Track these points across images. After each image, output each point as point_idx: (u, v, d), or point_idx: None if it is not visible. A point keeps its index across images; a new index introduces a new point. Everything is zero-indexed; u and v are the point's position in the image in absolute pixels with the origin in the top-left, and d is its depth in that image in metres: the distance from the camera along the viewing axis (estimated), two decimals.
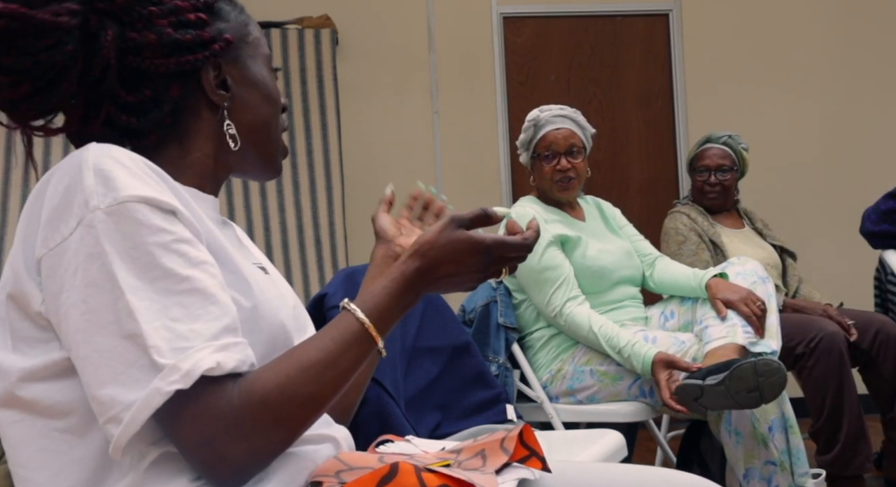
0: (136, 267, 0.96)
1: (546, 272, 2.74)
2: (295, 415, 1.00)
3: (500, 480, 1.03)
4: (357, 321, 1.06)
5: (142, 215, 0.98)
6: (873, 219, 3.39)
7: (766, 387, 2.34)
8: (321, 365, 1.02)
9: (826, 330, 2.93)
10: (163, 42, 1.11)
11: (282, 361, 1.02)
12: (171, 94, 1.13)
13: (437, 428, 2.18)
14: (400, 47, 4.76)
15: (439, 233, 1.15)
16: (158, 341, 0.94)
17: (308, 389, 1.00)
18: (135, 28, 1.10)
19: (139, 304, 0.95)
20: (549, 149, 2.87)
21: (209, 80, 1.16)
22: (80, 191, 0.98)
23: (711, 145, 3.48)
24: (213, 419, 0.95)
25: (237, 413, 0.96)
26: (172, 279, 0.97)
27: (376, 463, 1.06)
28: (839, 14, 4.93)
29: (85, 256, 0.96)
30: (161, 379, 0.93)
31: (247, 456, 0.97)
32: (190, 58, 1.13)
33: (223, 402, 0.96)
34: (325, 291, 2.28)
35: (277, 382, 0.99)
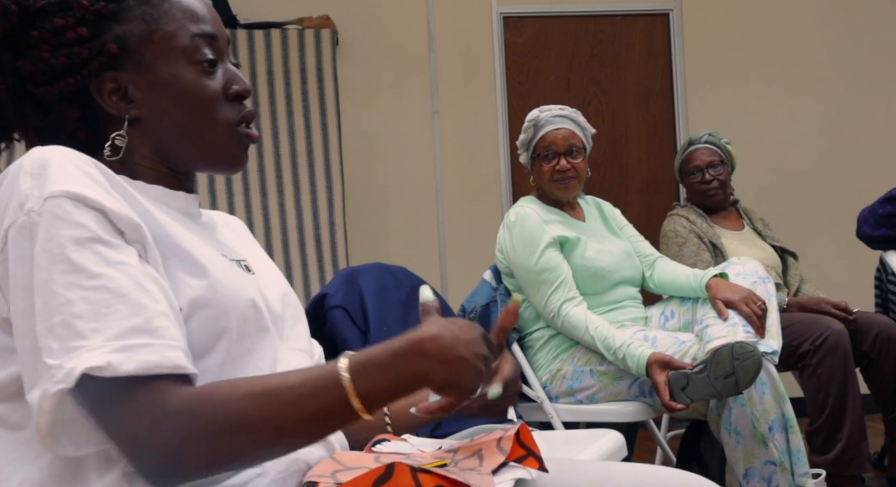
0: (47, 260, 0.93)
1: (544, 273, 2.74)
2: (223, 438, 0.93)
3: (497, 480, 1.03)
4: (336, 368, 0.97)
5: (61, 210, 0.95)
6: (871, 223, 3.39)
7: (741, 371, 2.38)
8: (277, 397, 0.95)
9: (831, 328, 2.92)
10: (42, 68, 1.08)
11: (243, 381, 0.98)
12: (71, 116, 1.11)
13: (436, 428, 2.18)
14: (400, 47, 4.76)
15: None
16: (50, 341, 0.91)
17: (249, 415, 0.94)
18: (25, 55, 1.09)
19: (41, 302, 0.93)
20: (549, 149, 2.87)
21: (103, 95, 1.11)
22: (17, 195, 0.96)
23: (696, 146, 3.48)
24: (137, 418, 0.91)
25: (166, 416, 0.91)
26: (82, 274, 0.93)
27: (372, 463, 1.06)
28: (839, 13, 4.93)
29: (19, 259, 0.95)
30: (47, 379, 0.91)
31: (165, 462, 0.92)
32: (70, 81, 1.09)
33: (152, 403, 0.92)
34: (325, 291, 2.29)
35: (221, 397, 0.94)
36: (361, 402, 0.97)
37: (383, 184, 4.67)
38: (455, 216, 4.73)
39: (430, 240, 4.72)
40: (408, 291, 2.39)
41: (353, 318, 2.25)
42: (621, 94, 4.88)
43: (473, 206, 4.73)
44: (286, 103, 4.32)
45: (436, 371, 0.99)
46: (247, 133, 1.18)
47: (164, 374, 0.93)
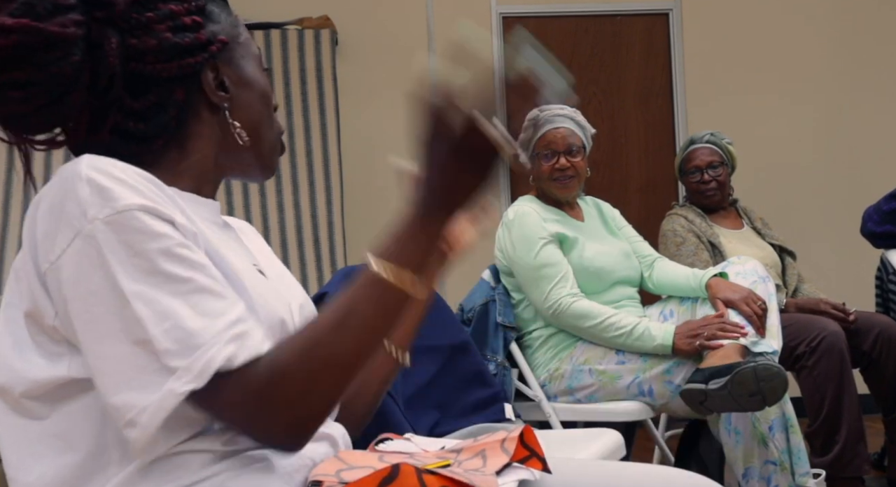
0: (139, 273, 0.97)
1: (544, 269, 2.74)
2: (322, 380, 0.99)
3: (501, 481, 1.03)
4: (367, 268, 1.04)
5: (140, 223, 0.98)
6: (875, 219, 3.39)
7: (768, 391, 2.35)
8: (336, 323, 1.01)
9: (828, 329, 2.92)
10: (163, 47, 1.11)
11: (301, 331, 1.02)
12: (176, 98, 1.14)
13: (436, 427, 2.18)
14: (399, 47, 4.75)
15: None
16: (168, 344, 0.95)
17: (328, 350, 1.00)
18: (134, 34, 1.11)
19: (145, 310, 0.96)
20: (548, 148, 2.87)
21: (209, 81, 1.16)
22: (76, 204, 0.98)
23: (696, 145, 3.48)
24: (246, 402, 0.97)
25: (265, 391, 0.97)
26: (176, 282, 0.98)
27: (376, 462, 1.06)
28: (838, 13, 4.94)
29: (87, 267, 0.97)
30: (175, 380, 0.94)
31: (290, 429, 0.99)
32: (190, 61, 1.13)
33: (251, 384, 0.97)
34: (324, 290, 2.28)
35: (295, 352, 0.99)
36: (409, 272, 1.04)
37: (382, 184, 4.66)
38: None
39: None
40: None
41: None
42: (621, 94, 4.89)
43: None
44: (285, 103, 4.32)
45: (443, 197, 1.08)
46: (282, 143, 1.28)
47: (262, 354, 0.99)
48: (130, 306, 0.96)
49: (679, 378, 2.58)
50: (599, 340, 2.70)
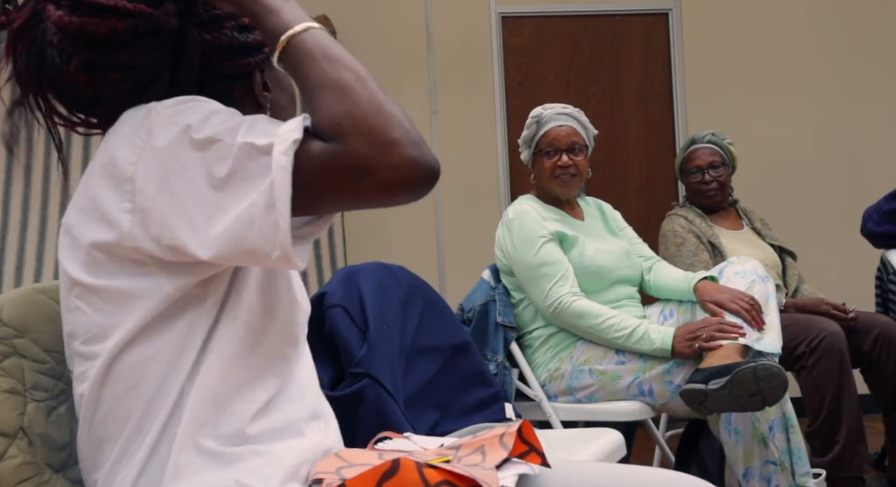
0: (215, 123, 1.01)
1: (544, 267, 2.74)
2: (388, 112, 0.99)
3: (500, 475, 1.03)
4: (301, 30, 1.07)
5: (203, 101, 1.04)
6: (875, 219, 3.39)
7: (768, 391, 2.35)
8: (336, 60, 1.04)
9: (828, 329, 2.92)
10: (232, 45, 1.16)
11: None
12: (235, 95, 1.18)
13: (436, 427, 2.18)
14: (398, 47, 4.76)
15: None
16: (257, 136, 0.98)
17: (349, 73, 1.03)
18: (207, 30, 1.15)
19: (224, 139, 1.00)
20: (551, 146, 2.87)
21: (258, 81, 1.20)
22: (144, 110, 1.05)
23: (697, 145, 3.48)
24: (339, 157, 0.97)
25: (345, 140, 0.97)
26: (245, 121, 1.02)
27: (376, 460, 1.06)
28: (838, 13, 4.94)
29: (174, 140, 1.00)
30: (278, 144, 0.96)
31: (402, 143, 0.97)
32: (250, 60, 1.18)
33: (323, 147, 0.98)
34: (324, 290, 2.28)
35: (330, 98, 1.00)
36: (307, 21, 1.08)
37: None
38: (454, 215, 4.73)
39: (428, 239, 4.72)
40: (406, 290, 2.38)
41: (352, 317, 2.24)
42: (620, 94, 4.88)
43: (472, 205, 4.73)
44: None
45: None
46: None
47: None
48: (216, 142, 0.99)
49: (679, 378, 2.57)
50: (599, 340, 2.69)
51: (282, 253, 0.96)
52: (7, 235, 4.02)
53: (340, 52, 1.04)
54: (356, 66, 1.03)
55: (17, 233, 4.01)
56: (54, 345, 1.23)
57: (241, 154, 0.97)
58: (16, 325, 1.22)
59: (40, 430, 1.18)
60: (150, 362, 1.06)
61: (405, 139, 0.96)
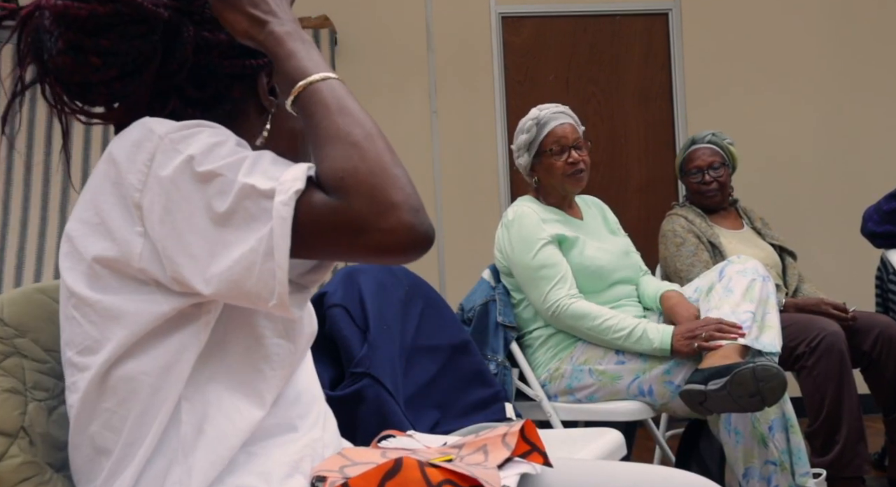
0: (219, 156, 1.01)
1: (542, 270, 2.74)
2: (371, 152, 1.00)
3: (503, 475, 1.03)
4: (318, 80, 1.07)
5: (209, 128, 1.04)
6: (875, 219, 3.39)
7: (767, 391, 2.35)
8: (342, 117, 1.04)
9: (827, 329, 2.92)
10: (232, 44, 1.15)
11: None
12: (233, 95, 1.18)
13: (436, 426, 2.18)
14: (399, 47, 4.76)
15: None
16: (260, 179, 0.99)
17: (357, 129, 1.02)
18: (206, 27, 1.15)
19: (226, 174, 1.00)
20: (559, 144, 2.87)
21: (263, 85, 1.19)
22: (149, 131, 1.04)
23: (698, 145, 3.48)
24: (336, 214, 0.97)
25: (344, 197, 0.97)
26: (252, 152, 1.02)
27: (379, 459, 1.06)
28: (838, 13, 4.94)
29: (176, 172, 1.00)
30: (279, 194, 0.97)
31: (399, 206, 0.97)
32: (253, 62, 1.17)
33: (324, 201, 0.98)
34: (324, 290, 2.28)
35: (335, 154, 1.00)
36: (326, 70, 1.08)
37: None
38: (454, 215, 4.73)
39: None
40: (407, 290, 2.39)
41: (352, 317, 2.25)
42: (620, 94, 4.88)
43: (472, 206, 4.73)
44: None
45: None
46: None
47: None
48: (217, 177, 0.99)
49: (679, 378, 2.57)
50: (598, 341, 2.70)
51: (279, 301, 0.97)
52: (7, 235, 4.02)
53: (355, 107, 1.05)
54: (368, 122, 1.03)
55: (17, 232, 4.00)
56: (55, 345, 1.23)
57: (241, 193, 0.98)
58: (16, 325, 1.22)
59: (41, 430, 1.18)
60: (144, 375, 1.06)
61: (405, 204, 0.97)
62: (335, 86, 1.05)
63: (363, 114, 1.04)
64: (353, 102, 1.05)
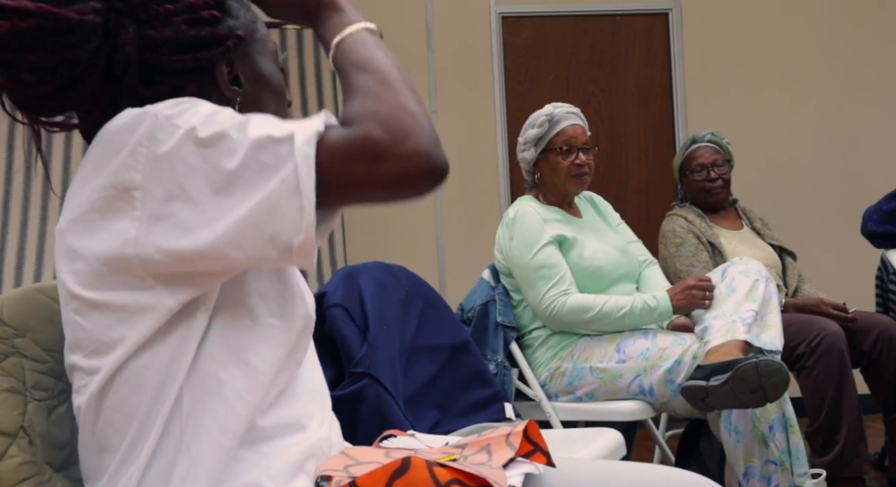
0: (220, 122, 1.01)
1: (541, 270, 2.74)
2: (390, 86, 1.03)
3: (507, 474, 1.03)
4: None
5: (203, 103, 1.04)
6: (875, 219, 3.39)
7: (770, 387, 2.35)
8: (367, 65, 1.08)
9: (828, 329, 2.92)
10: (180, 39, 1.13)
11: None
12: (189, 91, 1.15)
13: (436, 426, 2.18)
14: (398, 47, 4.75)
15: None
16: (270, 129, 1.00)
17: (376, 75, 1.06)
18: (152, 25, 1.13)
19: (232, 134, 1.01)
20: (568, 144, 2.87)
21: (223, 75, 1.18)
22: (141, 112, 1.03)
23: (698, 144, 3.48)
24: (356, 147, 0.99)
25: (364, 131, 0.99)
26: (253, 117, 1.03)
27: (383, 458, 1.06)
28: (838, 13, 4.94)
29: (179, 143, 1.00)
30: (297, 136, 0.98)
31: (418, 137, 0.99)
32: (205, 54, 1.16)
33: (343, 134, 1.00)
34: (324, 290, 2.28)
35: (359, 95, 1.04)
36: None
37: None
38: (454, 215, 4.73)
39: (428, 239, 4.71)
40: (407, 290, 2.39)
41: (352, 317, 2.25)
42: (620, 94, 4.88)
43: (472, 205, 4.73)
44: None
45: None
46: None
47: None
48: (222, 137, 1.00)
49: (680, 377, 2.58)
50: (603, 327, 2.70)
51: (306, 237, 0.98)
52: (7, 235, 4.02)
53: (373, 57, 1.08)
54: (384, 68, 1.06)
55: (18, 232, 4.00)
56: (54, 345, 1.22)
57: (253, 147, 0.98)
58: (16, 325, 1.22)
59: (41, 429, 1.18)
60: (148, 371, 1.06)
61: (422, 134, 0.99)
62: (350, 43, 1.10)
63: (381, 62, 1.07)
64: (372, 52, 1.09)
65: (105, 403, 1.07)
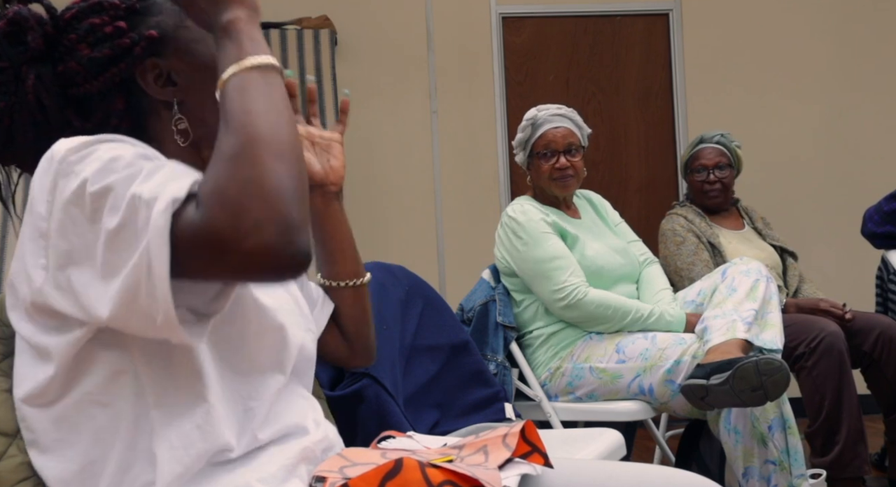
0: (115, 172, 0.96)
1: (555, 260, 2.74)
2: (255, 159, 0.91)
3: (503, 475, 1.03)
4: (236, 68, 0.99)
5: (108, 144, 0.99)
6: (876, 219, 3.39)
7: (770, 386, 2.35)
8: (233, 121, 0.94)
9: (827, 330, 2.92)
10: (85, 65, 1.12)
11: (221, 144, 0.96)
12: (117, 108, 1.14)
13: (436, 426, 2.18)
14: (399, 47, 4.76)
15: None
16: (148, 190, 0.92)
17: (236, 141, 0.92)
18: (62, 61, 1.13)
19: (118, 189, 0.95)
20: (548, 148, 2.88)
21: (148, 82, 1.14)
22: (50, 157, 1.00)
23: (705, 145, 3.47)
24: (202, 234, 0.90)
25: (208, 217, 0.89)
26: (150, 164, 0.96)
27: (379, 459, 1.06)
28: (838, 13, 4.94)
29: (74, 194, 0.97)
30: (156, 204, 0.90)
31: (263, 228, 0.88)
32: (114, 70, 1.13)
33: (193, 215, 0.91)
34: None
35: (214, 166, 0.92)
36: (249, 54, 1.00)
37: (382, 183, 4.67)
38: (454, 215, 4.73)
39: (428, 239, 4.71)
40: (407, 290, 2.38)
41: None
42: (620, 94, 4.88)
43: (472, 206, 4.73)
44: None
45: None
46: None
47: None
48: (111, 192, 0.94)
49: (680, 377, 2.58)
50: (613, 326, 2.72)
51: (165, 320, 0.91)
52: (7, 235, 4.02)
53: (241, 109, 0.95)
54: (252, 127, 0.93)
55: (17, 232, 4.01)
56: None
57: (129, 207, 0.92)
58: None
59: None
60: (90, 397, 1.03)
61: (269, 221, 0.88)
62: (234, 88, 0.97)
63: (252, 118, 0.94)
64: (248, 102, 0.95)
65: (53, 436, 1.06)
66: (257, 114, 0.94)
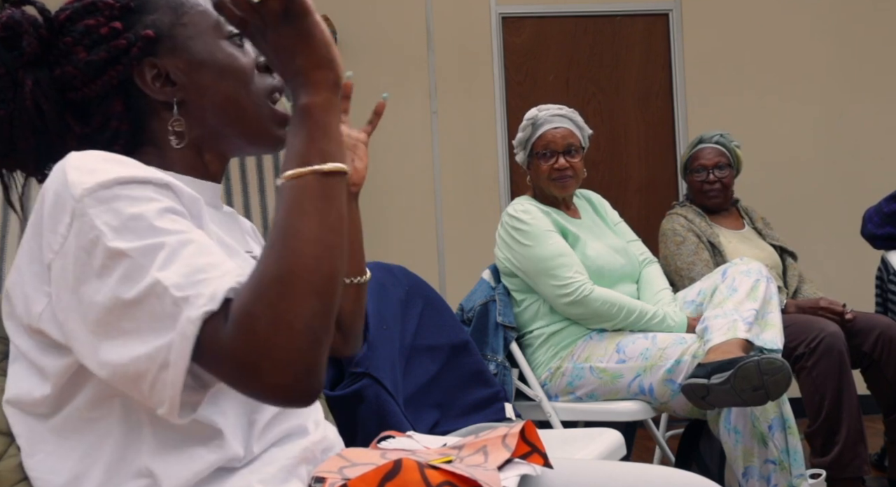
0: (134, 234, 0.93)
1: (559, 258, 2.74)
2: (285, 299, 0.89)
3: (503, 476, 1.03)
4: (286, 179, 0.96)
5: (129, 191, 0.96)
6: (876, 221, 3.39)
7: (771, 385, 2.35)
8: (280, 242, 0.92)
9: (827, 330, 2.92)
10: (81, 69, 1.11)
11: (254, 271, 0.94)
12: (116, 111, 1.13)
13: (436, 426, 2.18)
14: (399, 47, 4.76)
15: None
16: (175, 278, 0.91)
17: (277, 268, 0.91)
18: (58, 65, 1.12)
19: (137, 258, 0.92)
20: (547, 148, 2.88)
21: (146, 82, 1.13)
22: (66, 188, 0.96)
23: (705, 145, 3.47)
24: (225, 355, 0.90)
25: (234, 343, 0.89)
26: (173, 236, 0.94)
27: (379, 460, 1.06)
28: (839, 13, 4.94)
29: (88, 243, 0.94)
30: (188, 308, 0.89)
31: (285, 369, 0.88)
32: (113, 72, 1.12)
33: (223, 335, 0.90)
34: None
35: (251, 285, 0.91)
36: (320, 159, 0.95)
37: (382, 183, 4.66)
38: (454, 215, 4.73)
39: (428, 239, 4.71)
40: (406, 290, 2.38)
41: None
42: (620, 94, 4.88)
43: (472, 206, 4.73)
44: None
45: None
46: (277, 111, 1.19)
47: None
48: (127, 259, 0.92)
49: (680, 377, 2.58)
50: (617, 324, 2.72)
51: (168, 411, 0.92)
52: (7, 235, 4.02)
53: (290, 227, 0.92)
54: (295, 254, 0.91)
55: (18, 232, 4.01)
56: None
57: (150, 288, 0.91)
58: None
59: None
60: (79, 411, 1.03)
61: (289, 363, 0.88)
62: (291, 193, 0.94)
63: (298, 242, 0.91)
64: (300, 217, 0.93)
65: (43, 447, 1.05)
66: (306, 242, 0.91)
